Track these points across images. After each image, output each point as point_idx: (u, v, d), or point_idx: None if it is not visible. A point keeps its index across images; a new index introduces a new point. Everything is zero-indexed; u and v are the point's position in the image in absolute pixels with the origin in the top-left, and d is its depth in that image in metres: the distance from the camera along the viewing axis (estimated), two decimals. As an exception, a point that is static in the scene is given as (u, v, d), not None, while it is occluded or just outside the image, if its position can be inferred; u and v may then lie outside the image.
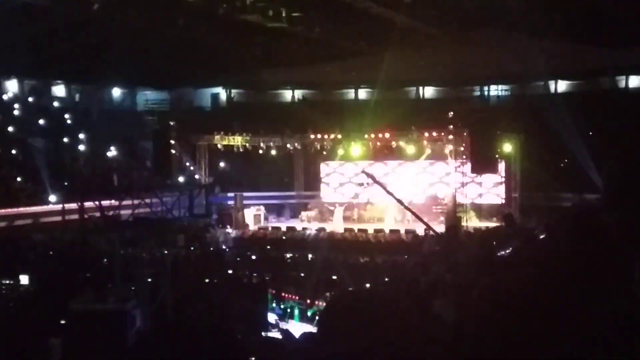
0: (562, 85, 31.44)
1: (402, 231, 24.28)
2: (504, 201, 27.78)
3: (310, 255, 19.61)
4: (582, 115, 24.69)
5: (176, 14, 25.84)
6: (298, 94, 34.40)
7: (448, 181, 26.86)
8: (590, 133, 25.39)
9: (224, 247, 23.43)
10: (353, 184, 29.90)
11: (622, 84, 30.62)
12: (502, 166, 27.43)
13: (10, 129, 26.52)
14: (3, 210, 23.11)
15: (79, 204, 22.24)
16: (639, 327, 2.64)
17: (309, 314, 13.09)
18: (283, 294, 13.76)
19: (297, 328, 11.57)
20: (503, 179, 27.76)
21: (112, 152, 28.59)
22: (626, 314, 2.77)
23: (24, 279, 15.25)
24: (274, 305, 13.41)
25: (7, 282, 15.17)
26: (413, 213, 24.33)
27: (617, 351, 2.58)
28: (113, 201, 24.78)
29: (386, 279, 14.51)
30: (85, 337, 8.91)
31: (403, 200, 27.43)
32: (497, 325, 2.91)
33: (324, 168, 30.58)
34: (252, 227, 27.17)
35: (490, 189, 28.14)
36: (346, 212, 27.75)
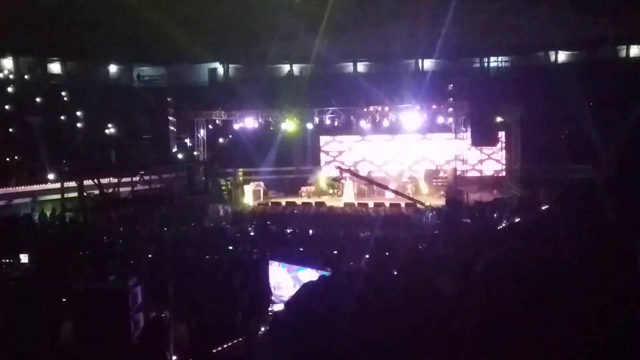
0: (562, 56, 31.18)
1: (403, 205, 24.24)
2: (504, 171, 27.77)
3: (310, 231, 19.51)
4: (582, 86, 24.49)
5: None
6: (296, 68, 34.13)
7: (448, 153, 26.80)
8: (591, 103, 25.22)
9: (223, 223, 23.34)
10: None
11: (623, 53, 30.37)
12: (502, 137, 27.40)
13: (6, 107, 26.32)
14: (2, 190, 23.05)
15: (78, 181, 22.19)
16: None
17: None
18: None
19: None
20: (503, 147, 27.73)
21: (109, 129, 28.41)
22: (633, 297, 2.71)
23: (24, 258, 15.22)
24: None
25: (7, 261, 15.14)
26: (397, 193, 24.70)
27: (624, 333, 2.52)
28: (112, 178, 24.77)
29: (387, 254, 14.45)
30: (87, 315, 8.88)
31: (402, 173, 27.55)
32: (499, 300, 2.84)
33: (324, 141, 30.49)
34: (252, 202, 27.09)
35: (491, 154, 28.19)
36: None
